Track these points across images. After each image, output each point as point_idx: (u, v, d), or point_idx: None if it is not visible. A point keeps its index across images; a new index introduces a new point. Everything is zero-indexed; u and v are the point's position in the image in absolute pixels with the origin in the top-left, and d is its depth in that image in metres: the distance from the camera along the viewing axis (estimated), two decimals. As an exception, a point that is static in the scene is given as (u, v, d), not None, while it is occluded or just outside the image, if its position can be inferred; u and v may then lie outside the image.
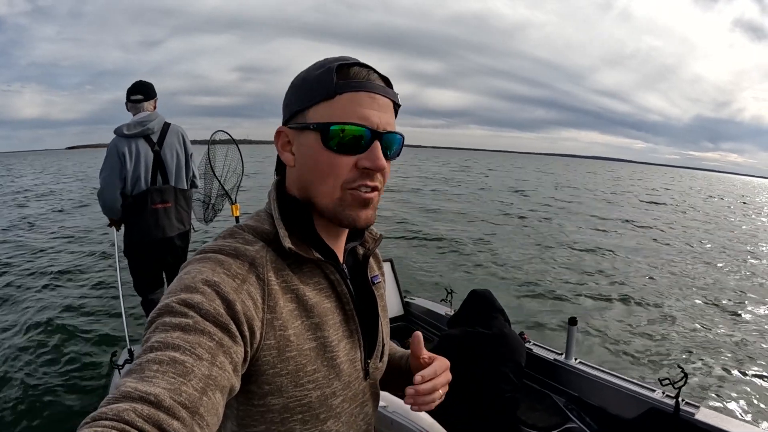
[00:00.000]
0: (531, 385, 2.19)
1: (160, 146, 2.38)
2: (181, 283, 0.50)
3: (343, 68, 0.57)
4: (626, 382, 1.94)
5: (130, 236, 2.45)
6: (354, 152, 0.56)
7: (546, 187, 23.07)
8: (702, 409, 1.71)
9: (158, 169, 2.38)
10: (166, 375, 0.40)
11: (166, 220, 2.42)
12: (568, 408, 2.07)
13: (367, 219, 0.60)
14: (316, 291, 0.60)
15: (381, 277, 0.79)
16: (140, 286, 2.62)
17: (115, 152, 2.26)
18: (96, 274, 5.45)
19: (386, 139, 0.58)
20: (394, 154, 0.62)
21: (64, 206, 11.58)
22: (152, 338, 0.44)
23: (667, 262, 7.70)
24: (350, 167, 0.57)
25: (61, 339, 3.60)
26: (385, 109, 0.58)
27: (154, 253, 2.47)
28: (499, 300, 2.04)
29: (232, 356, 0.46)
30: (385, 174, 0.60)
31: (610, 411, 1.95)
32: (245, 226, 0.60)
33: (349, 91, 0.56)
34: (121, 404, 0.36)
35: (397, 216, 10.60)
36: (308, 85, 0.58)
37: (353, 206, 0.58)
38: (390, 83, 0.60)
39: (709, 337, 4.46)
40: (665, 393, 1.82)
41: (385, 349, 0.74)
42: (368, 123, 0.56)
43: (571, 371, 2.10)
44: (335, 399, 0.61)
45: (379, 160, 0.56)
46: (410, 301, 3.00)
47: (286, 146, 0.62)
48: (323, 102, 0.56)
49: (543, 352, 2.22)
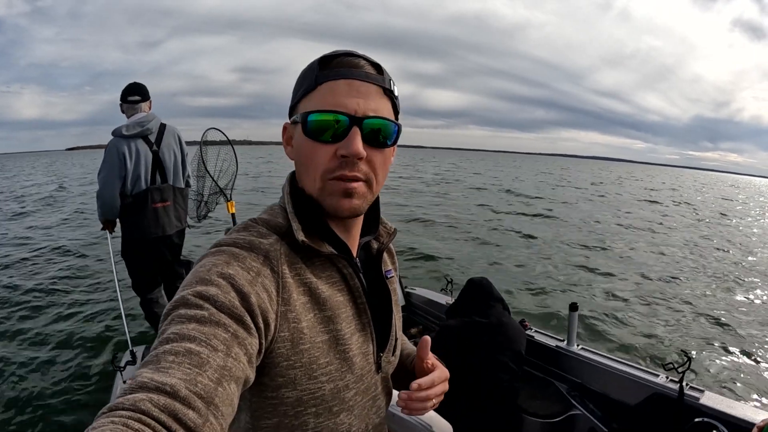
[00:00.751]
0: (533, 373, 2.17)
1: (158, 146, 2.42)
2: (197, 276, 0.50)
3: (327, 59, 0.57)
4: (629, 367, 1.92)
5: (130, 235, 2.46)
6: (334, 140, 0.56)
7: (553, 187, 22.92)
8: (707, 393, 1.69)
9: (157, 169, 2.42)
10: (181, 366, 0.40)
11: (166, 218, 2.45)
12: (571, 395, 2.04)
13: (351, 208, 0.59)
14: (329, 284, 0.61)
15: (394, 272, 0.79)
16: (139, 286, 2.63)
17: (115, 152, 2.28)
18: (92, 277, 5.42)
19: (370, 126, 0.56)
20: (389, 142, 0.59)
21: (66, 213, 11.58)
22: (168, 330, 0.44)
23: (671, 249, 7.77)
24: (330, 156, 0.56)
25: (62, 343, 3.58)
26: (368, 95, 0.56)
27: (154, 251, 2.49)
28: (497, 287, 2.02)
29: (246, 348, 0.47)
30: (376, 164, 0.58)
31: (614, 397, 1.93)
32: (259, 219, 0.61)
33: (328, 80, 0.56)
34: (137, 394, 0.37)
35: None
36: (299, 80, 0.60)
37: (334, 195, 0.58)
38: (381, 70, 0.59)
39: (711, 321, 4.44)
40: (669, 378, 1.80)
41: (398, 344, 0.74)
42: (345, 109, 0.55)
43: (574, 358, 2.07)
44: (348, 392, 0.61)
45: (354, 146, 0.55)
46: (411, 291, 2.99)
47: (289, 141, 0.63)
48: (308, 94, 0.58)
49: (544, 339, 2.20)
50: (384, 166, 0.60)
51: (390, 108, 0.60)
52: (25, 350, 3.44)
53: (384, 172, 0.61)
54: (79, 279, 5.34)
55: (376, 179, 0.59)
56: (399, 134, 0.60)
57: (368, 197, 0.60)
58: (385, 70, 0.60)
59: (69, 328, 3.85)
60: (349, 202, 0.58)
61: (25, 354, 3.36)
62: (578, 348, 2.09)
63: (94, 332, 3.78)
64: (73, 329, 3.83)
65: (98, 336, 3.70)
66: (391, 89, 0.59)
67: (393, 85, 0.60)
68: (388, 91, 0.59)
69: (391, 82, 0.59)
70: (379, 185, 0.61)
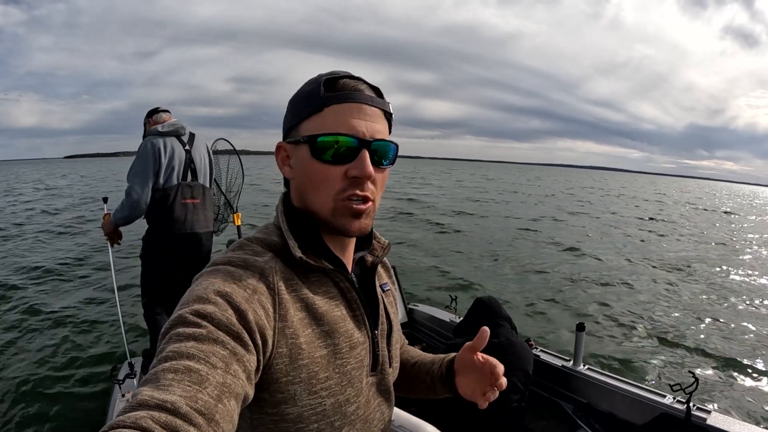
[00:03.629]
0: (539, 393, 2.16)
1: (190, 146, 2.48)
2: (193, 295, 0.51)
3: (331, 81, 0.59)
4: (636, 387, 1.92)
5: (155, 233, 2.40)
6: (343, 162, 0.58)
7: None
8: (714, 414, 1.69)
9: (189, 167, 2.45)
10: (181, 383, 0.41)
11: (195, 216, 2.44)
12: (577, 415, 2.04)
13: (360, 228, 0.61)
14: (326, 299, 0.61)
15: (391, 285, 0.80)
16: (151, 286, 2.46)
17: (151, 148, 2.31)
18: (93, 289, 5.39)
19: (376, 148, 0.59)
20: (388, 163, 0.62)
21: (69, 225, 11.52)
22: (167, 348, 0.45)
23: (678, 264, 7.77)
24: (340, 177, 0.58)
25: (60, 355, 3.56)
26: (374, 118, 0.59)
27: (181, 248, 2.41)
28: (504, 306, 2.03)
29: (245, 364, 0.47)
30: (378, 183, 0.61)
31: (621, 417, 1.93)
32: (254, 238, 0.62)
33: (336, 103, 0.58)
34: (138, 412, 0.37)
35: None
36: (300, 100, 0.61)
37: (346, 216, 0.60)
38: (380, 93, 0.62)
39: (720, 340, 4.43)
40: (676, 398, 1.80)
41: (396, 355, 0.75)
42: (355, 132, 0.57)
43: (580, 378, 2.07)
44: (350, 406, 0.61)
45: (367, 168, 0.57)
46: (414, 308, 2.97)
47: (286, 161, 0.64)
48: (313, 115, 0.59)
49: (550, 359, 2.20)
50: (383, 184, 0.63)
51: (387, 129, 0.62)
52: (23, 362, 3.42)
53: (382, 190, 0.64)
54: (79, 289, 5.33)
55: (377, 197, 0.62)
56: (397, 154, 0.63)
57: (372, 216, 0.63)
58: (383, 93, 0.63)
59: (70, 339, 3.84)
60: (359, 223, 0.60)
61: (23, 366, 3.35)
62: (584, 368, 2.09)
63: (94, 344, 3.76)
64: (73, 340, 3.82)
65: (97, 348, 3.68)
66: (391, 112, 0.63)
67: (390, 108, 0.63)
68: (387, 114, 0.62)
69: (389, 105, 0.63)
70: (377, 202, 0.63)
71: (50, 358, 3.52)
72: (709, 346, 4.26)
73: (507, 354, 1.82)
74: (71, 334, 3.99)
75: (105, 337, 3.93)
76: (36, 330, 4.11)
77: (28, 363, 3.43)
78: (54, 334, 3.99)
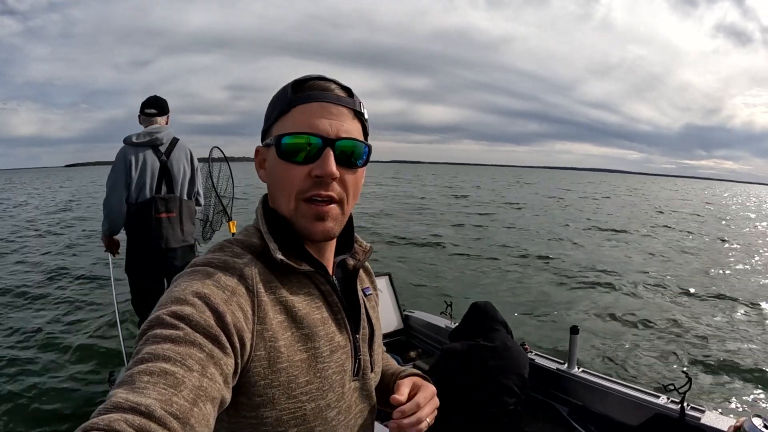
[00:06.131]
0: (534, 396, 2.17)
1: (168, 157, 2.38)
2: (171, 296, 0.50)
3: (300, 83, 0.60)
4: (630, 389, 1.93)
5: (132, 245, 2.38)
6: (308, 162, 0.57)
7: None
8: (707, 413, 1.70)
9: (164, 179, 2.37)
10: (157, 386, 0.40)
11: (170, 230, 2.37)
12: (572, 417, 2.05)
13: (324, 232, 0.60)
14: (306, 302, 0.60)
15: (373, 289, 0.78)
16: (138, 303, 2.48)
17: (122, 159, 2.27)
18: (93, 294, 5.43)
19: (342, 147, 0.58)
20: (361, 163, 0.61)
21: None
22: (143, 350, 0.44)
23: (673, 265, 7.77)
24: (304, 177, 0.58)
25: (59, 359, 3.59)
26: (341, 117, 0.59)
27: (157, 264, 2.38)
28: (500, 311, 2.04)
29: (222, 368, 0.47)
30: (348, 184, 0.60)
31: (615, 418, 1.94)
32: (234, 240, 0.61)
33: (302, 103, 0.58)
34: (111, 415, 0.36)
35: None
36: (271, 104, 0.62)
37: (308, 218, 0.59)
38: (351, 93, 0.61)
39: (712, 340, 4.44)
40: (670, 399, 1.81)
41: (378, 359, 0.74)
42: (318, 131, 0.57)
43: (574, 380, 2.08)
44: (330, 411, 0.60)
45: (329, 167, 0.56)
46: (409, 314, 2.98)
47: (262, 164, 0.64)
48: (281, 117, 0.59)
49: (545, 362, 2.21)
50: (356, 186, 0.61)
51: (360, 130, 0.61)
52: (23, 363, 3.46)
53: (356, 192, 0.62)
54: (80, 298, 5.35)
55: (347, 199, 0.61)
56: (369, 155, 0.62)
57: (341, 219, 0.61)
58: (355, 94, 0.62)
59: (68, 344, 3.87)
60: (323, 225, 0.59)
61: (22, 368, 3.38)
62: (579, 370, 2.11)
63: (92, 349, 3.78)
64: (72, 344, 3.86)
65: (96, 353, 3.71)
66: (362, 111, 0.61)
67: (363, 108, 0.62)
68: (358, 114, 0.61)
69: (361, 104, 0.62)
70: (350, 205, 0.62)
71: (51, 362, 3.55)
72: (703, 345, 4.28)
73: (503, 358, 1.83)
74: (72, 338, 4.03)
75: (104, 342, 3.96)
76: (36, 331, 4.16)
77: (28, 365, 3.46)
78: (56, 339, 4.02)
